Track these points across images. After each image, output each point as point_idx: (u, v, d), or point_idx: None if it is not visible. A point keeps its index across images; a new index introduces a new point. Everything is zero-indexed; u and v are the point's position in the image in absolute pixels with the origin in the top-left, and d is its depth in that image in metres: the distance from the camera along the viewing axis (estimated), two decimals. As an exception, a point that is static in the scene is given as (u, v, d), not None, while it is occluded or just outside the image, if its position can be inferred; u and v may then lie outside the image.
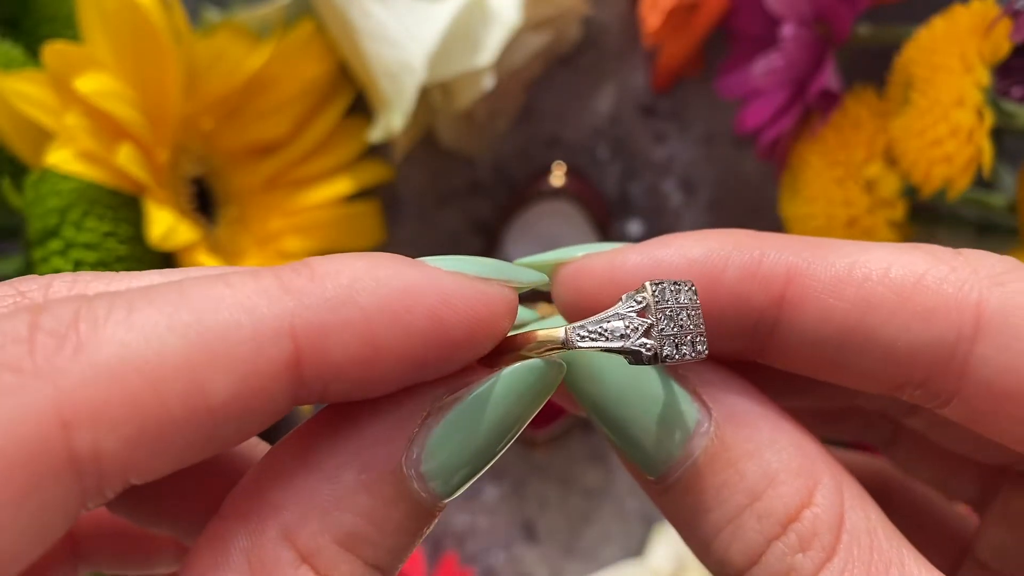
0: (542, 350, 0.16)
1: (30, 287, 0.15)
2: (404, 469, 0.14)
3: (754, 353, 0.17)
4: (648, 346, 0.15)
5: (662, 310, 0.15)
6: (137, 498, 0.18)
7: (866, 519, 0.15)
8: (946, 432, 0.20)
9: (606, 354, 0.16)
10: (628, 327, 0.15)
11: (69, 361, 0.12)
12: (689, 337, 0.16)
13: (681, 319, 0.16)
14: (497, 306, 0.15)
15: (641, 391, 0.16)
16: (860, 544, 0.15)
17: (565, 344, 0.15)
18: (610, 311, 0.15)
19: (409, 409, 0.15)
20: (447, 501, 0.15)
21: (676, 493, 0.16)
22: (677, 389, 0.16)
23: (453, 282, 0.14)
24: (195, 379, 0.12)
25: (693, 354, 0.16)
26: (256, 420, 0.13)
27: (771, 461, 0.16)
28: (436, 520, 0.16)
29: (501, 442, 0.15)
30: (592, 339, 0.15)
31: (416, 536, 0.15)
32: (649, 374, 0.16)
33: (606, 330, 0.15)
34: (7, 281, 0.15)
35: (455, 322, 0.14)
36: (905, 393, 0.16)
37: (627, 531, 0.43)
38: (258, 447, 0.19)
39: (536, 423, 0.42)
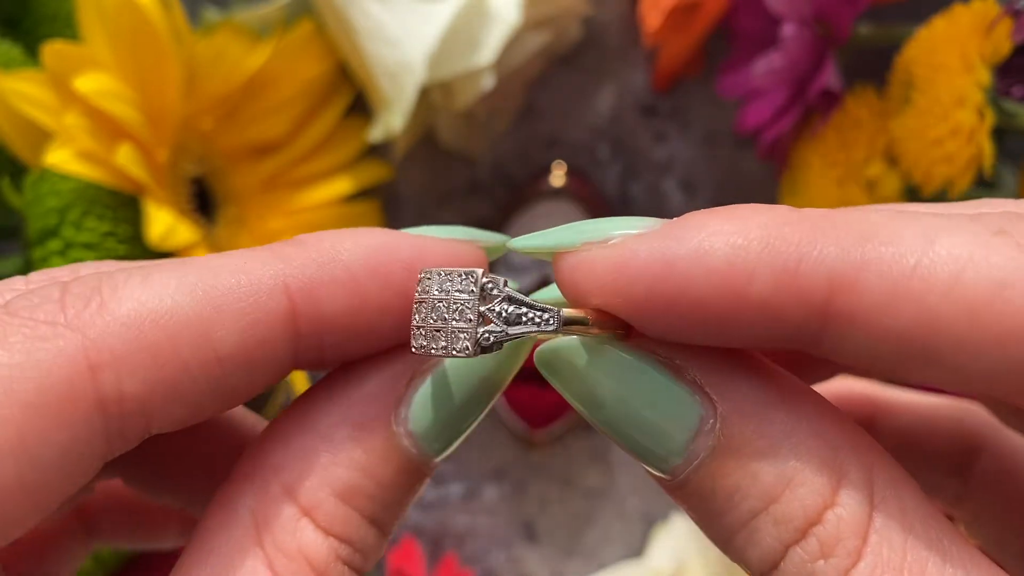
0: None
1: (61, 274, 0.16)
2: (393, 426, 0.16)
3: (795, 355, 0.15)
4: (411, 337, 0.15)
5: (420, 300, 0.15)
6: (151, 468, 0.20)
7: (900, 513, 0.14)
8: None
9: (590, 349, 0.15)
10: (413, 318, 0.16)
11: (94, 315, 0.14)
12: (444, 332, 0.15)
13: (440, 310, 0.15)
14: (466, 259, 0.16)
15: (632, 388, 0.15)
16: (891, 544, 0.13)
17: None
18: None
19: (395, 372, 0.16)
20: (438, 460, 0.16)
21: (686, 493, 0.15)
22: (674, 384, 0.15)
23: (424, 239, 0.16)
24: (204, 330, 0.14)
25: (443, 351, 0.15)
26: (261, 372, 0.15)
27: (788, 458, 0.14)
28: (428, 480, 0.17)
29: (481, 402, 0.16)
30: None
31: (409, 493, 0.16)
32: (640, 368, 0.15)
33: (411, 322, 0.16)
34: (38, 271, 0.17)
35: None
36: (983, 400, 0.14)
37: (627, 531, 0.43)
38: (261, 425, 0.20)
39: (536, 423, 0.42)
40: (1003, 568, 0.13)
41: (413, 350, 0.15)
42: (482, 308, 0.15)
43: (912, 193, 0.32)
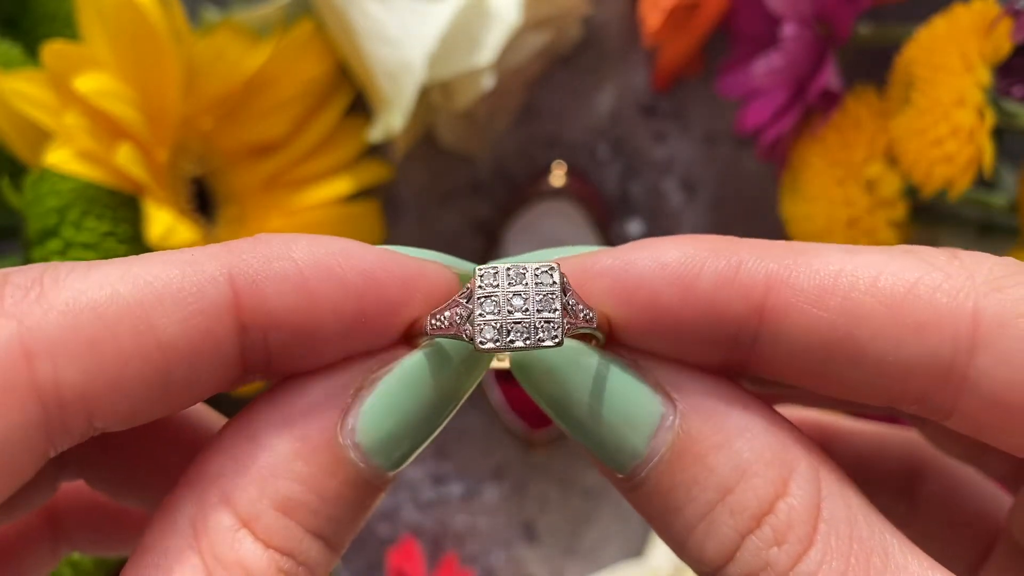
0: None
1: (8, 271, 0.16)
2: (339, 439, 0.15)
3: (738, 365, 0.16)
4: (468, 332, 0.15)
5: (486, 295, 0.15)
6: (114, 469, 0.19)
7: (846, 506, 0.15)
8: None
9: (555, 349, 0.16)
10: (457, 315, 0.15)
11: (32, 304, 0.14)
12: (525, 324, 0.15)
13: (515, 304, 0.15)
14: (431, 276, 0.16)
15: (598, 387, 0.16)
16: (838, 533, 0.14)
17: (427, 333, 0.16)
18: (452, 299, 0.16)
19: (341, 382, 0.16)
20: (393, 474, 0.16)
21: (645, 491, 0.16)
22: (638, 383, 0.16)
23: (388, 252, 0.16)
24: (144, 317, 0.14)
25: (527, 342, 0.15)
26: (206, 367, 0.15)
27: (742, 452, 0.15)
28: (383, 494, 0.16)
29: (437, 415, 0.16)
30: (437, 327, 0.15)
31: (360, 508, 0.16)
32: (605, 369, 0.16)
33: (443, 319, 0.15)
34: None
35: (389, 283, 0.15)
36: (903, 407, 0.15)
37: (627, 531, 0.43)
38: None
39: (536, 423, 0.42)
40: None
41: (479, 346, 0.15)
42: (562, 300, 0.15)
43: (912, 193, 0.32)
